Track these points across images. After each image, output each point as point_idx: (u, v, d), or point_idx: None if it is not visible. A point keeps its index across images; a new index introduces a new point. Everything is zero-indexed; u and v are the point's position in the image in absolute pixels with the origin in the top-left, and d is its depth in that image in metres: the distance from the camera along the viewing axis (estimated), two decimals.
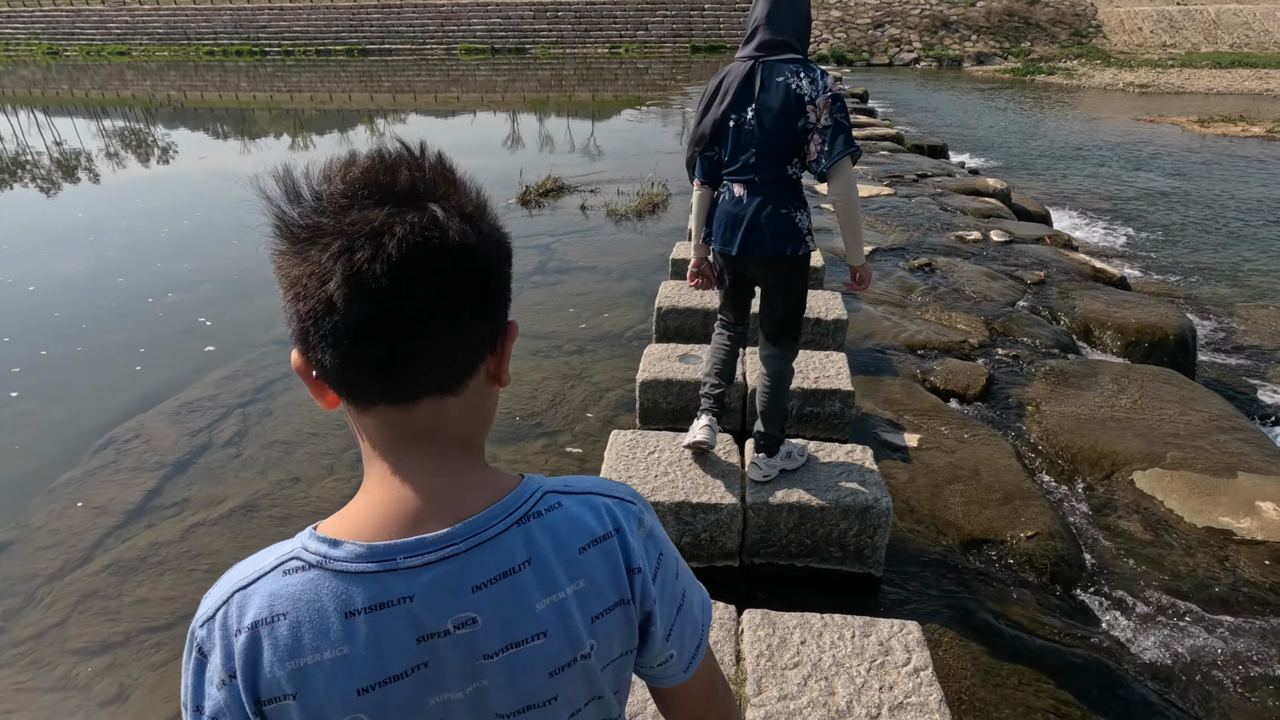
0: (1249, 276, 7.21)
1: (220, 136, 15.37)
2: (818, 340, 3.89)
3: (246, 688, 0.52)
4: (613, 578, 0.58)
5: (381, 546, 0.53)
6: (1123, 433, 3.35)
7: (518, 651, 0.55)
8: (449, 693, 0.54)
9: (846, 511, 2.33)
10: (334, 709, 0.52)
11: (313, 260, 0.50)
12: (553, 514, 0.57)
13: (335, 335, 0.51)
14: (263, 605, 0.53)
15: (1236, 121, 17.69)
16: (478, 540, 0.54)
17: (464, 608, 0.53)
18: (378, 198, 0.51)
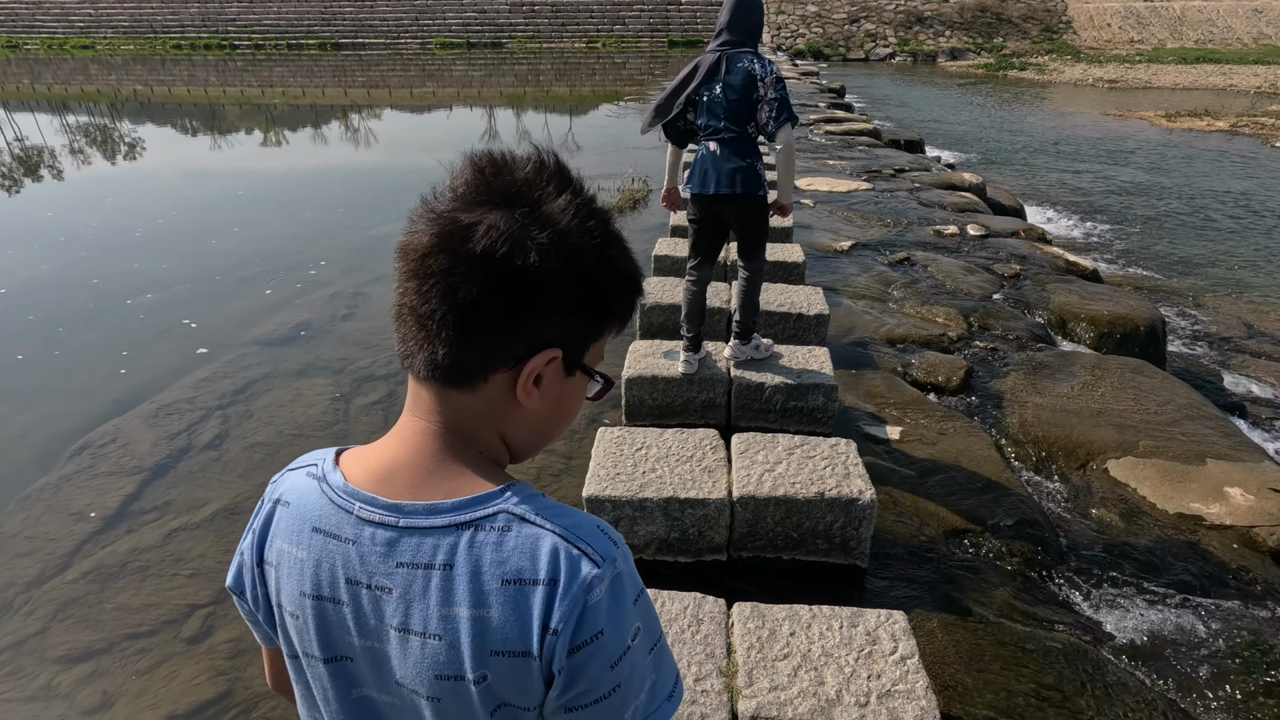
0: (1215, 268, 7.41)
1: (189, 133, 15.06)
2: (800, 335, 3.93)
3: (256, 545, 0.65)
4: (519, 626, 0.55)
5: (352, 489, 0.60)
6: (1097, 423, 3.43)
7: (413, 639, 0.58)
8: (357, 638, 0.60)
9: (832, 504, 2.36)
10: (287, 595, 0.62)
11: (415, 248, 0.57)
12: (496, 534, 0.56)
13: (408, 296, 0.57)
14: (284, 490, 0.64)
15: (1202, 116, 18.10)
16: (413, 524, 0.57)
17: (384, 574, 0.58)
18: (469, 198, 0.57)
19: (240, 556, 0.66)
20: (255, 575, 0.65)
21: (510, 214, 0.55)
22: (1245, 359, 5.34)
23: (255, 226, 7.10)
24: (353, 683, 0.62)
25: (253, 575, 0.65)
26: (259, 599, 0.66)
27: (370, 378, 3.91)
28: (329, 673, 0.62)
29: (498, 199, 0.56)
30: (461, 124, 16.69)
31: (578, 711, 0.57)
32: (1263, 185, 10.82)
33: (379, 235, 6.67)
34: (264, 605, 0.66)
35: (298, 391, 3.78)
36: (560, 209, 0.56)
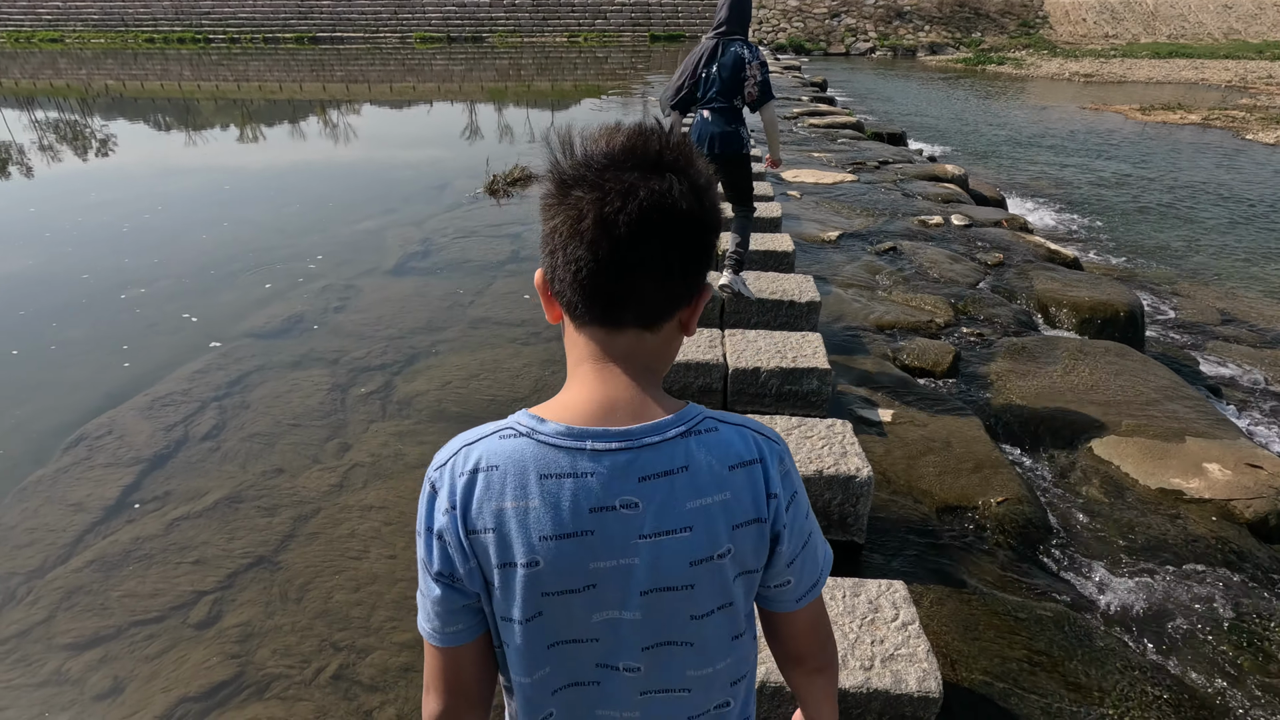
0: (1188, 256, 7.60)
1: (167, 128, 14.82)
2: (792, 322, 4.00)
3: (461, 518, 0.67)
4: (753, 497, 0.69)
5: (578, 429, 0.66)
6: (1081, 403, 3.53)
7: (665, 539, 0.66)
8: (605, 561, 0.66)
9: (830, 482, 2.42)
10: (518, 548, 0.66)
11: (572, 201, 0.64)
12: (710, 434, 0.69)
13: (576, 263, 0.64)
14: (481, 457, 0.67)
15: (1175, 109, 18.47)
16: (649, 441, 0.66)
17: (630, 492, 0.66)
18: (632, 163, 0.64)
19: (439, 540, 0.68)
20: (466, 549, 0.67)
21: (680, 179, 0.64)
22: (1220, 344, 5.50)
23: (241, 221, 7.03)
24: (595, 607, 0.68)
25: (462, 551, 0.67)
26: (473, 572, 0.68)
27: (366, 368, 3.92)
28: (578, 602, 0.68)
29: (653, 165, 0.64)
30: (443, 119, 16.59)
31: (796, 561, 0.73)
32: (1234, 176, 11.08)
33: (367, 229, 6.64)
34: (479, 577, 0.68)
35: (294, 382, 3.77)
36: (701, 172, 0.67)
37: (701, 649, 0.72)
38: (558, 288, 0.68)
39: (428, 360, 3.99)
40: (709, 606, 0.70)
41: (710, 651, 0.72)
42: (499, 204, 7.50)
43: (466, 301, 4.81)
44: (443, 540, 0.68)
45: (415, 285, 5.14)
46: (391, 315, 4.60)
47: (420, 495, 0.71)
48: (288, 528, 2.71)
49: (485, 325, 4.44)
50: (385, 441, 3.25)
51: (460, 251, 5.86)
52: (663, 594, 0.68)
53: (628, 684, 0.72)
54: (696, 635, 0.71)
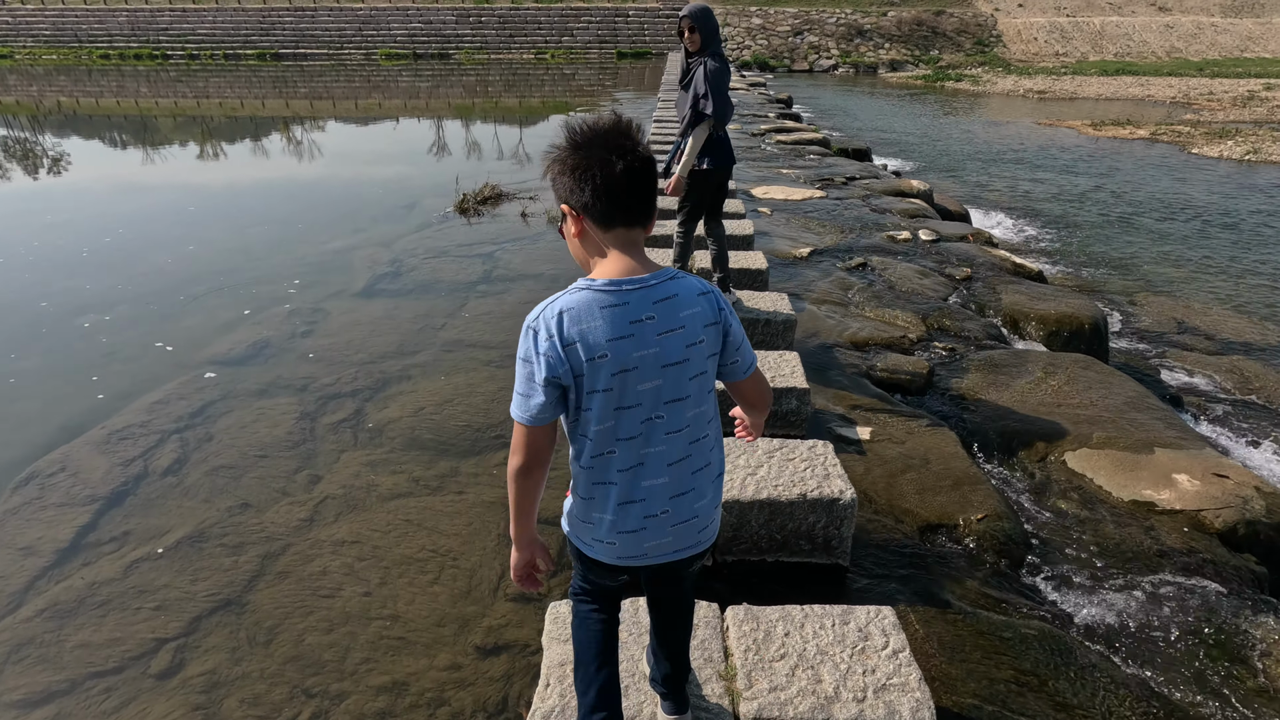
0: (1144, 267, 7.85)
1: (124, 146, 14.43)
2: (769, 340, 4.00)
3: (558, 338, 1.19)
4: (713, 310, 1.28)
5: (616, 280, 1.22)
6: (1053, 417, 3.59)
7: (671, 334, 1.24)
8: (641, 350, 1.22)
9: (814, 506, 2.41)
10: (595, 348, 1.19)
11: (592, 155, 1.20)
12: (682, 279, 1.27)
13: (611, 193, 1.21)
14: (564, 304, 1.21)
15: (1125, 125, 19.19)
16: (654, 283, 1.24)
17: (650, 310, 1.23)
18: (617, 137, 1.21)
19: (544, 357, 1.20)
20: (563, 357, 1.20)
21: (640, 147, 1.22)
22: (1178, 352, 5.66)
23: (204, 243, 6.85)
24: (643, 375, 1.23)
25: (561, 359, 1.20)
26: (567, 372, 1.21)
27: (336, 395, 3.81)
28: (634, 376, 1.23)
29: (627, 140, 1.22)
30: (410, 136, 16.45)
31: (741, 348, 1.32)
32: (1183, 189, 11.52)
33: (334, 250, 6.51)
34: (570, 374, 1.21)
35: (260, 411, 3.65)
36: (642, 138, 1.26)
37: (695, 399, 1.29)
38: (593, 209, 1.23)
39: (400, 386, 3.90)
40: (695, 372, 1.28)
41: (698, 400, 1.30)
42: (470, 223, 7.43)
43: (439, 324, 4.73)
44: (547, 357, 1.20)
45: (385, 308, 5.04)
46: (361, 339, 4.49)
47: (522, 337, 1.24)
48: (255, 566, 2.60)
49: (459, 348, 4.36)
50: (357, 472, 3.15)
51: (431, 272, 5.77)
52: (672, 366, 1.25)
53: (657, 428, 1.28)
54: (690, 390, 1.28)
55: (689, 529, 1.35)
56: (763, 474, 2.52)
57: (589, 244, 1.27)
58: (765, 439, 2.73)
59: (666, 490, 1.30)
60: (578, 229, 1.26)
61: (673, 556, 1.36)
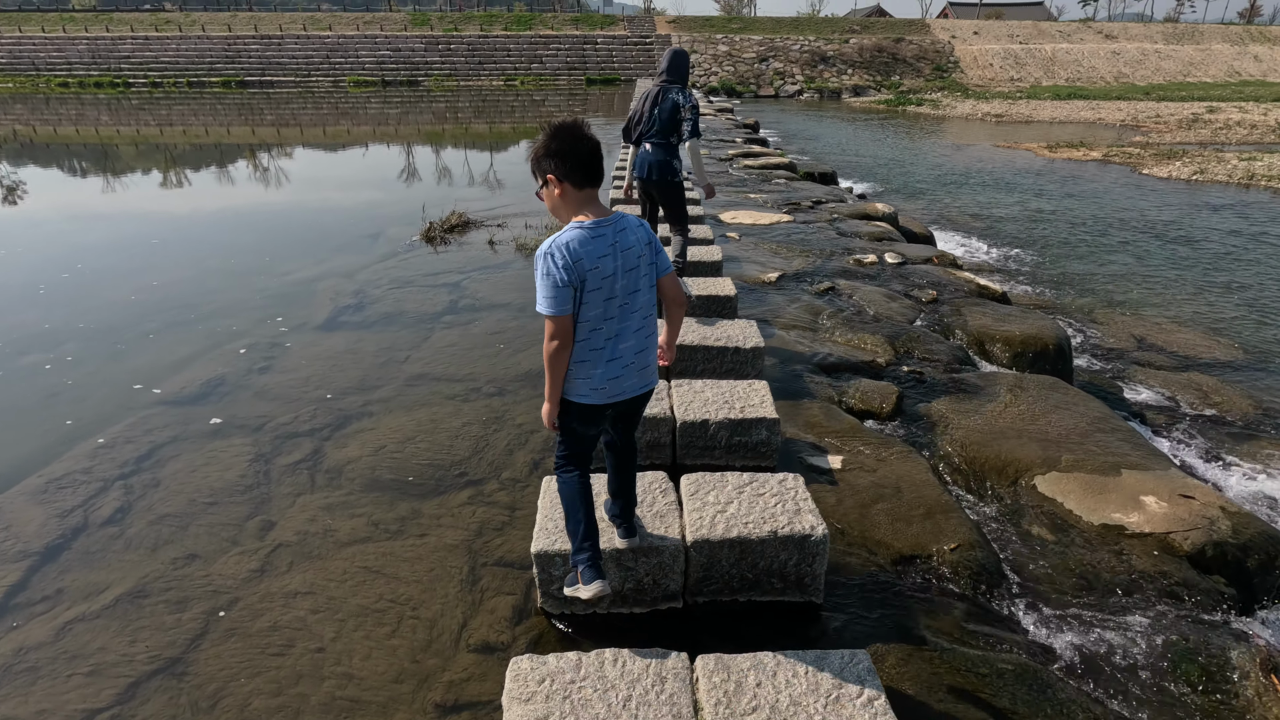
0: (1103, 284, 8.04)
1: (82, 174, 14.08)
2: (737, 369, 3.97)
3: (570, 256, 1.88)
4: (647, 234, 2.04)
5: (595, 220, 1.94)
6: (1022, 440, 3.60)
7: (629, 250, 1.97)
8: (617, 261, 1.95)
9: (785, 542, 2.35)
10: (592, 262, 1.90)
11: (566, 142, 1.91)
12: (627, 217, 2.01)
13: (584, 166, 1.92)
14: (569, 238, 1.90)
15: (1079, 147, 19.84)
16: (613, 221, 1.97)
17: (616, 238, 1.95)
18: (578, 130, 1.93)
19: (563, 270, 1.86)
20: (574, 268, 1.87)
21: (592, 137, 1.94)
22: (1138, 369, 5.77)
23: (163, 276, 6.64)
24: (617, 277, 1.94)
25: (573, 269, 1.87)
26: (577, 278, 1.88)
27: (293, 434, 3.67)
28: (612, 279, 1.94)
29: (584, 133, 1.93)
30: (377, 163, 16.32)
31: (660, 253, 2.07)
32: (1136, 208, 11.89)
33: (296, 281, 6.35)
34: (580, 280, 1.89)
35: (211, 454, 3.49)
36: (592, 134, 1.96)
37: (644, 291, 2.02)
38: (570, 176, 1.92)
39: (360, 423, 3.77)
40: (643, 272, 2.01)
41: (646, 291, 2.02)
42: (436, 252, 7.33)
43: (402, 357, 4.61)
44: (565, 270, 1.86)
45: (347, 341, 4.90)
46: (321, 375, 4.36)
47: (540, 264, 1.88)
48: (199, 624, 2.45)
49: (423, 382, 4.25)
50: (313, 517, 3.02)
51: (396, 303, 5.65)
52: (633, 270, 1.97)
53: (625, 309, 1.98)
54: (642, 284, 2.01)
55: (646, 373, 2.09)
56: (732, 511, 2.45)
57: (568, 201, 1.95)
58: (735, 473, 2.67)
59: (633, 349, 2.03)
60: (560, 191, 1.94)
61: (638, 391, 2.08)
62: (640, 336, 2.03)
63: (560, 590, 2.35)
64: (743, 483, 2.60)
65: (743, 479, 2.63)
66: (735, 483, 2.60)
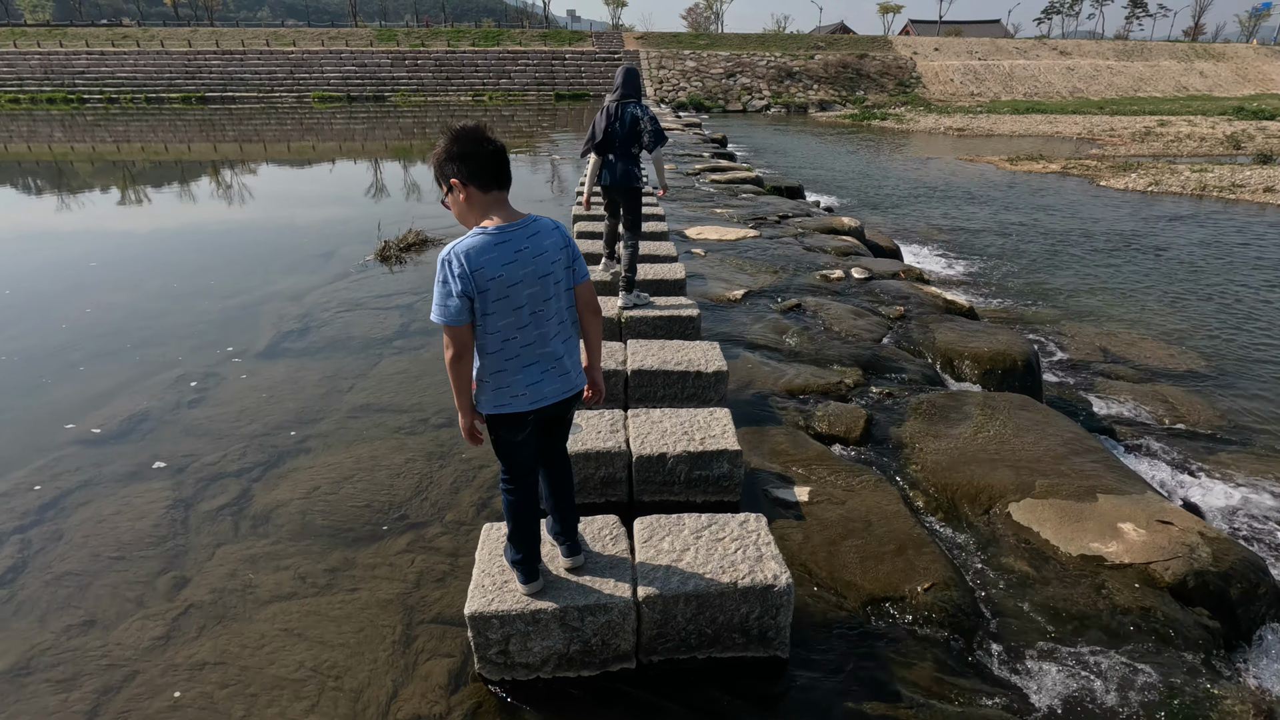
0: (1066, 296, 8.06)
1: (30, 192, 13.48)
2: (700, 394, 3.78)
3: (468, 266, 1.85)
4: (563, 241, 1.99)
5: (502, 226, 1.90)
6: (994, 465, 3.45)
7: (541, 255, 1.93)
8: (525, 268, 1.91)
9: (746, 594, 2.15)
10: (494, 271, 1.86)
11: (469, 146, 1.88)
12: (541, 219, 1.97)
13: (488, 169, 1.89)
14: (469, 245, 1.86)
15: (1038, 160, 20.23)
16: (524, 225, 1.93)
17: (525, 243, 1.91)
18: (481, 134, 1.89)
19: (460, 280, 1.83)
20: (470, 278, 1.83)
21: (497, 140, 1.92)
22: (1105, 382, 5.72)
23: (95, 299, 6.26)
24: (525, 285, 1.90)
25: (469, 279, 1.83)
26: (473, 289, 1.84)
27: (219, 476, 3.38)
28: (520, 287, 1.89)
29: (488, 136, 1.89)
30: (336, 179, 15.94)
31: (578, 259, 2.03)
32: (1094, 220, 12.07)
33: (240, 305, 6.03)
34: (475, 290, 1.84)
35: (125, 500, 3.18)
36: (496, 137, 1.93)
37: (558, 297, 1.97)
38: (478, 181, 1.88)
39: (295, 461, 3.49)
40: (559, 278, 1.96)
41: (559, 297, 1.97)
42: (391, 271, 7.05)
43: (346, 387, 4.33)
44: (461, 277, 1.82)
45: (288, 370, 4.61)
46: (256, 407, 4.06)
47: (438, 268, 1.85)
48: (88, 705, 2.16)
49: (366, 414, 3.98)
50: (233, 570, 2.74)
51: (343, 327, 5.37)
52: (545, 278, 1.92)
53: (539, 317, 1.94)
54: (555, 291, 1.96)
55: (569, 377, 2.04)
56: (689, 560, 2.24)
57: (474, 206, 1.90)
58: (693, 515, 2.47)
59: (552, 355, 1.98)
60: (465, 195, 1.88)
61: (562, 395, 2.03)
62: (558, 342, 2.00)
63: (498, 655, 2.11)
64: (700, 526, 2.40)
65: (701, 521, 2.42)
66: (693, 526, 2.40)
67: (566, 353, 2.02)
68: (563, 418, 2.13)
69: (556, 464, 2.20)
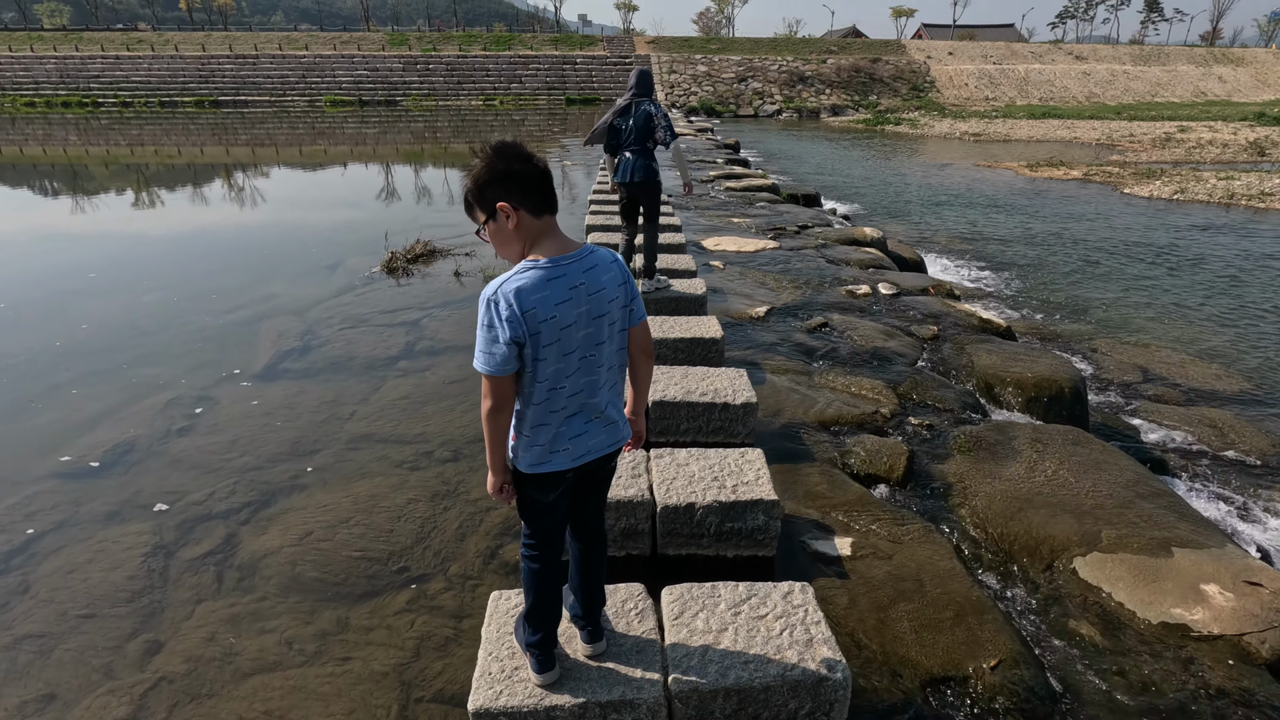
0: (1099, 310, 7.70)
1: (49, 194, 13.36)
2: (727, 427, 3.48)
3: (518, 307, 1.55)
4: (621, 273, 1.72)
5: (555, 258, 1.61)
6: (1054, 512, 3.13)
7: (598, 293, 1.65)
8: (580, 308, 1.62)
9: (796, 688, 1.85)
10: (547, 311, 1.58)
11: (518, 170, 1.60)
12: (599, 251, 1.70)
13: (538, 190, 1.61)
14: (520, 282, 1.57)
15: (1059, 166, 19.80)
16: (579, 256, 1.65)
17: (581, 278, 1.63)
18: (521, 150, 1.62)
19: (508, 323, 1.56)
20: (521, 321, 1.56)
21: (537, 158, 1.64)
22: (1150, 406, 5.37)
23: (90, 314, 6.04)
24: (579, 327, 1.63)
25: (519, 323, 1.56)
26: (524, 333, 1.57)
27: (205, 517, 3.11)
28: (573, 329, 1.62)
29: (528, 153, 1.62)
30: (343, 186, 15.76)
31: (636, 298, 1.76)
32: (1121, 228, 11.68)
33: (239, 320, 5.78)
34: (527, 334, 1.57)
35: (100, 546, 2.92)
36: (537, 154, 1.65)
37: (612, 339, 1.72)
38: (528, 204, 1.61)
39: (287, 500, 3.22)
40: (615, 319, 1.71)
41: (613, 341, 1.72)
42: (398, 284, 6.79)
43: (346, 414, 4.06)
44: (510, 321, 1.56)
45: (286, 394, 4.34)
46: (250, 437, 3.80)
47: (482, 309, 1.58)
48: None
49: (366, 445, 3.71)
50: (213, 633, 2.46)
51: (346, 346, 5.10)
52: (600, 319, 1.67)
53: (590, 363, 1.69)
54: (611, 333, 1.71)
55: (615, 428, 1.79)
56: (728, 642, 1.94)
57: (525, 234, 1.63)
58: (729, 586, 2.17)
59: (599, 405, 1.74)
60: (515, 222, 1.61)
61: (606, 450, 1.78)
62: (606, 390, 1.75)
63: None
64: (738, 599, 2.10)
65: (739, 593, 2.12)
66: (730, 599, 2.10)
67: (611, 400, 1.78)
68: (603, 473, 1.87)
69: (590, 538, 1.91)
